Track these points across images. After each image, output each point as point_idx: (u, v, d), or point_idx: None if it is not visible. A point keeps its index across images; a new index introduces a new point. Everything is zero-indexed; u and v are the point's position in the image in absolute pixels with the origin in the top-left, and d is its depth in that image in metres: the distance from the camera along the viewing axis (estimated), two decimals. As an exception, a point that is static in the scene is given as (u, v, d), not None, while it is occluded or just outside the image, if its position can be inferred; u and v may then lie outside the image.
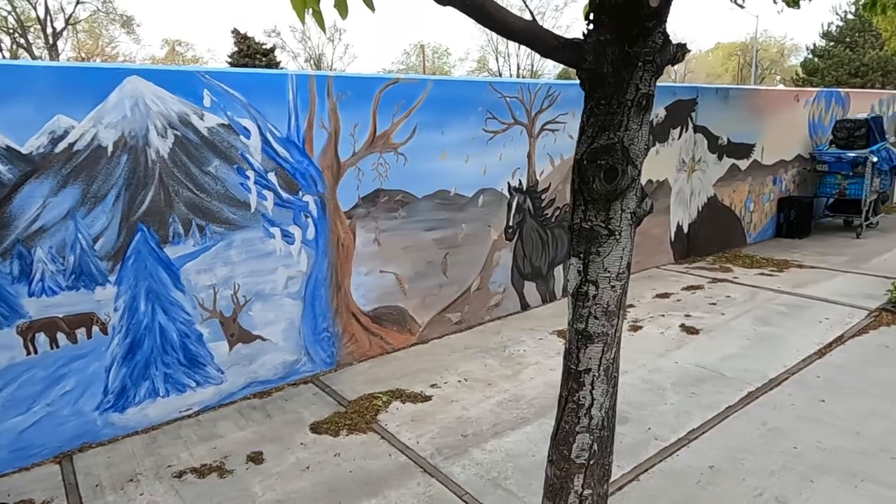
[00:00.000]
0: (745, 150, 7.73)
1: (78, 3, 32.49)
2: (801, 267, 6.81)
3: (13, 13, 30.36)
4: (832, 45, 31.59)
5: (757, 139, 7.85)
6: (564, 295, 5.78)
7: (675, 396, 3.84)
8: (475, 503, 2.87)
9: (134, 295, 3.49)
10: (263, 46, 30.32)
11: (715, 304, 5.59)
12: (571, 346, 1.92)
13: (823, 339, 4.67)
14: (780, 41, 51.10)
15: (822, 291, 5.82)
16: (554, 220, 5.67)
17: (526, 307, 5.60)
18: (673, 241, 7.09)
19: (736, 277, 6.46)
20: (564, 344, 2.00)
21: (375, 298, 4.55)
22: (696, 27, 73.07)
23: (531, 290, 5.64)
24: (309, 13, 1.54)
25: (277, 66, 30.43)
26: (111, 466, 3.25)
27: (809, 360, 4.32)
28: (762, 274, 6.57)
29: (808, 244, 7.97)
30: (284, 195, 3.97)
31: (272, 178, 3.90)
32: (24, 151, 3.06)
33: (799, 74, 33.54)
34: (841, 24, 31.69)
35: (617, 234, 1.75)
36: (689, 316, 5.28)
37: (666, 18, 1.58)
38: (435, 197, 4.76)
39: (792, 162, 8.55)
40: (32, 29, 31.95)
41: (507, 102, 5.09)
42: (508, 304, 5.47)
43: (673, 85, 7.29)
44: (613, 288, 1.81)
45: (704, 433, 3.41)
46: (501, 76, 41.82)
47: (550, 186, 5.58)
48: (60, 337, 3.29)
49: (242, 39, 29.51)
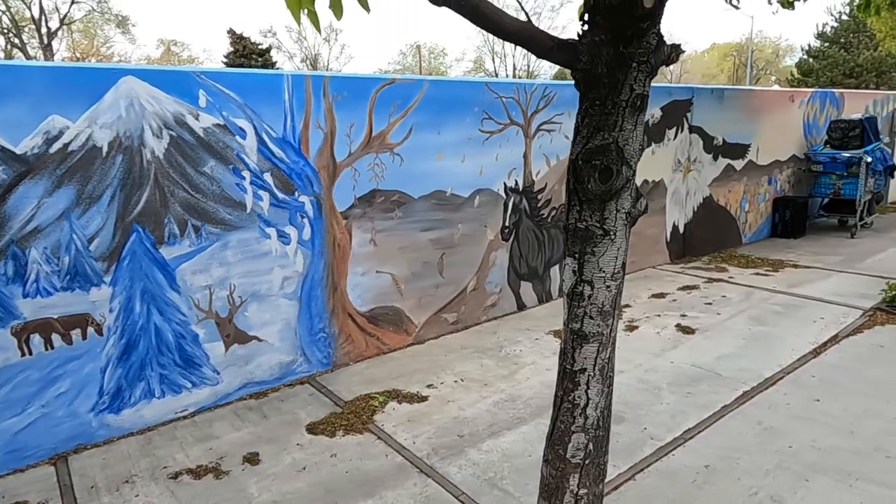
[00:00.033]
0: (740, 150, 7.76)
1: (73, 2, 32.40)
2: (796, 267, 6.84)
3: (8, 13, 30.24)
4: (827, 45, 31.73)
5: (752, 139, 7.88)
6: (561, 295, 5.78)
7: (670, 396, 3.85)
8: (472, 503, 2.88)
9: (129, 296, 3.48)
10: (259, 47, 30.27)
11: (710, 303, 5.61)
12: (567, 345, 1.92)
13: (818, 338, 4.68)
14: (775, 42, 51.33)
15: (817, 291, 5.85)
16: (550, 220, 5.68)
17: (522, 307, 5.60)
18: (669, 241, 7.11)
19: (731, 277, 6.49)
20: (560, 344, 2.00)
21: (372, 299, 4.55)
22: (691, 28, 73.35)
23: (527, 290, 5.64)
24: (304, 13, 1.54)
25: (273, 66, 30.39)
26: (106, 468, 3.24)
27: (804, 359, 4.33)
28: (757, 274, 6.59)
29: (803, 244, 8.00)
30: (280, 195, 3.96)
31: (268, 178, 3.89)
32: (18, 152, 3.05)
33: (794, 75, 33.68)
34: (835, 24, 31.84)
35: (612, 234, 1.75)
36: (684, 316, 5.29)
37: (660, 19, 1.58)
38: (431, 197, 4.76)
39: (787, 162, 8.58)
40: (27, 29, 31.83)
41: (503, 103, 5.09)
42: (505, 304, 5.47)
43: (669, 85, 7.31)
44: (608, 288, 1.82)
45: (700, 433, 3.42)
46: (497, 76, 41.85)
47: (546, 187, 5.59)
48: (55, 338, 3.28)
49: (238, 40, 29.45)
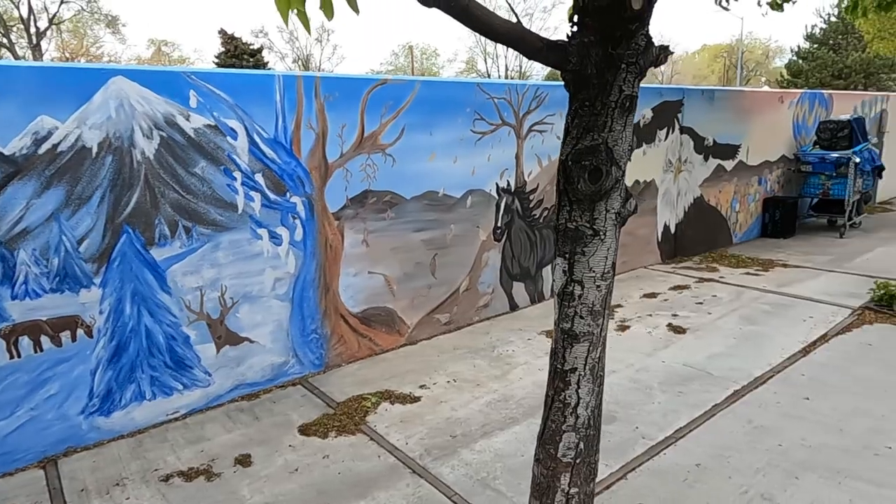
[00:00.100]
0: (730, 150, 7.81)
1: (62, 2, 32.16)
2: (785, 266, 6.89)
3: (-4, 13, 29.99)
4: (816, 47, 32.00)
5: (742, 140, 7.93)
6: (553, 295, 5.79)
7: (662, 395, 3.87)
8: (464, 503, 2.88)
9: (119, 297, 3.46)
10: (251, 47, 30.17)
11: (701, 303, 5.64)
12: (557, 345, 1.93)
13: (808, 337, 4.72)
14: (765, 43, 51.70)
15: (806, 290, 5.90)
16: (542, 220, 5.69)
17: (514, 307, 5.61)
18: (660, 241, 7.14)
19: (722, 277, 6.53)
20: (551, 344, 2.01)
21: (364, 300, 4.55)
22: (682, 29, 73.78)
23: (520, 290, 5.66)
24: (294, 14, 1.54)
25: (265, 66, 30.28)
26: (97, 471, 3.22)
27: (794, 358, 4.37)
28: (748, 273, 6.64)
29: (792, 244, 8.06)
30: (272, 196, 3.95)
31: (259, 179, 3.88)
32: (6, 153, 3.02)
33: (784, 76, 33.94)
34: (824, 26, 32.12)
35: (601, 234, 1.76)
36: (676, 315, 5.32)
37: (649, 21, 1.59)
38: (423, 198, 4.76)
39: (777, 162, 8.65)
40: (15, 28, 31.54)
41: (495, 103, 5.10)
42: (497, 304, 5.48)
43: (659, 86, 7.34)
44: (598, 288, 1.83)
45: (691, 431, 3.44)
46: (490, 77, 41.91)
47: (538, 187, 5.60)
48: (44, 340, 3.25)
49: (229, 40, 29.34)
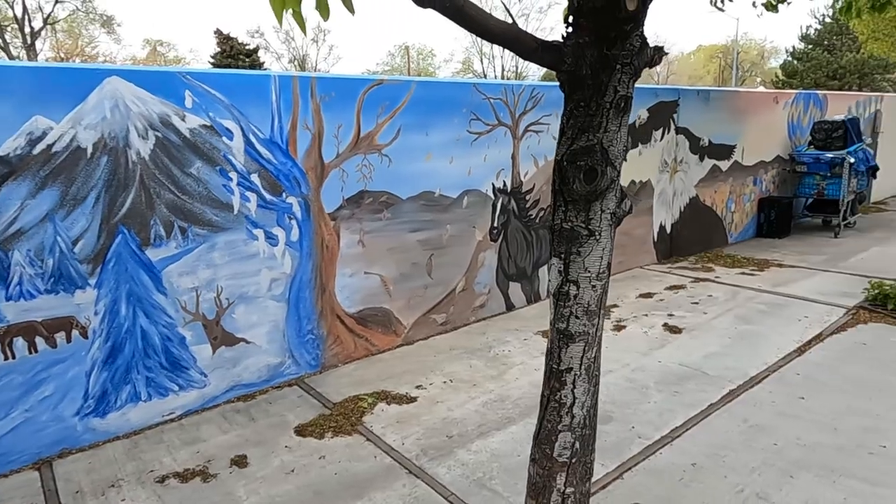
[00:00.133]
0: (725, 151, 7.84)
1: (57, 2, 32.03)
2: (781, 266, 6.92)
3: (-10, 13, 29.87)
4: (811, 47, 32.13)
5: (737, 140, 7.96)
6: (549, 295, 5.80)
7: (658, 395, 3.88)
8: (461, 503, 2.88)
9: (115, 298, 3.45)
10: (247, 47, 30.14)
11: (697, 303, 5.66)
12: (553, 345, 1.93)
13: (803, 337, 4.74)
14: (760, 44, 51.94)
15: (801, 290, 5.92)
16: (538, 220, 5.70)
17: (511, 308, 5.62)
18: (656, 241, 7.16)
19: (717, 277, 6.55)
20: (547, 343, 2.01)
21: (360, 300, 4.54)
22: (678, 30, 73.94)
23: (516, 290, 5.66)
24: (289, 14, 1.54)
25: (261, 66, 30.25)
26: (92, 472, 3.20)
27: (789, 357, 4.39)
28: (743, 273, 6.66)
29: (787, 244, 8.09)
30: (268, 197, 3.95)
31: (255, 179, 3.88)
32: (0, 153, 3.01)
33: (779, 76, 34.07)
34: (819, 27, 32.26)
35: (597, 234, 1.77)
36: (672, 315, 5.33)
37: (643, 22, 1.60)
38: (419, 198, 4.76)
39: (772, 163, 8.68)
40: (10, 28, 31.42)
41: (491, 104, 5.11)
42: (493, 304, 5.49)
43: (655, 87, 7.37)
44: (594, 287, 1.83)
45: (687, 431, 3.45)
46: (486, 77, 41.94)
47: (534, 187, 5.61)
48: (39, 341, 3.24)
49: (225, 40, 29.30)
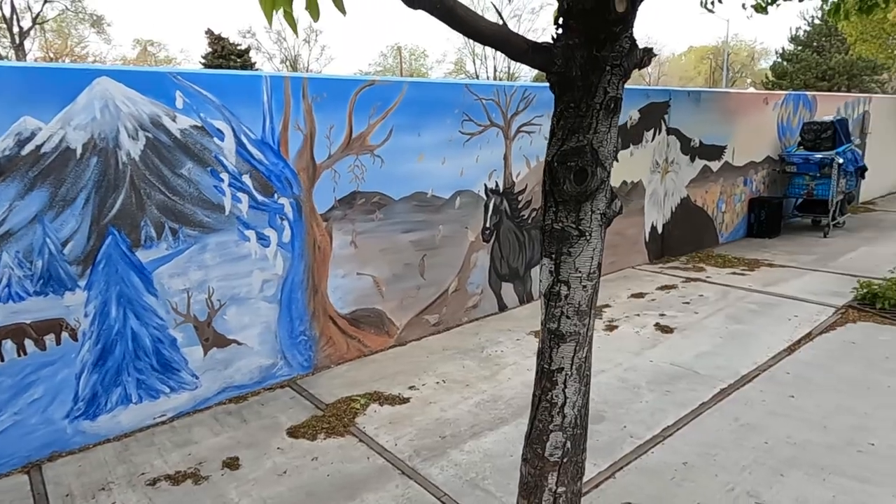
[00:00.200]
0: (716, 151, 7.89)
1: (46, 2, 31.78)
2: (771, 266, 6.97)
3: (-22, 12, 29.58)
4: (800, 49, 32.37)
5: (728, 141, 8.01)
6: (541, 296, 5.82)
7: (650, 394, 3.90)
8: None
9: (105, 300, 3.42)
10: (238, 47, 30.01)
11: (688, 303, 5.69)
12: (544, 345, 1.94)
13: (793, 336, 4.78)
14: (750, 45, 52.25)
15: (791, 290, 5.97)
16: (530, 221, 5.72)
17: (503, 308, 5.63)
18: (647, 241, 7.20)
19: (709, 277, 6.59)
20: (538, 343, 2.02)
21: (353, 301, 4.54)
22: (668, 31, 74.37)
23: (508, 291, 5.67)
24: (280, 15, 1.53)
25: (252, 67, 30.14)
26: (82, 475, 3.18)
27: (779, 356, 4.42)
28: (734, 273, 6.70)
29: (777, 244, 8.15)
30: (259, 198, 3.94)
31: (247, 180, 3.86)
32: (-12, 154, 2.99)
33: (769, 77, 34.30)
34: (808, 28, 32.50)
35: (587, 234, 1.78)
36: (663, 315, 5.36)
37: (633, 23, 1.61)
38: (412, 199, 4.76)
39: (762, 163, 8.74)
40: (-2, 28, 31.14)
41: (483, 105, 5.12)
42: (486, 305, 5.49)
43: (646, 88, 7.41)
44: (585, 288, 1.84)
45: (679, 430, 3.47)
46: (478, 78, 42.00)
47: (527, 188, 5.62)
48: (28, 344, 3.21)
49: (216, 40, 29.16)
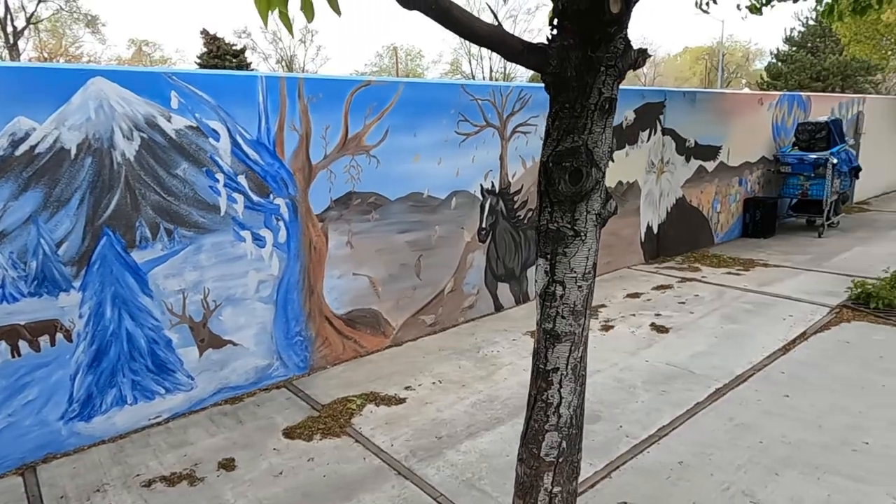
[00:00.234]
0: (711, 152, 7.91)
1: (40, 1, 31.64)
2: (766, 266, 7.00)
3: (-28, 12, 29.42)
4: (795, 49, 32.49)
5: (723, 141, 8.04)
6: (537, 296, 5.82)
7: (645, 394, 3.91)
8: (449, 504, 2.89)
9: (99, 301, 3.41)
10: (234, 47, 29.96)
11: (684, 303, 5.71)
12: (540, 345, 1.94)
13: (787, 335, 4.80)
14: (745, 46, 52.45)
15: (786, 289, 5.99)
16: (526, 221, 5.72)
17: (499, 308, 5.63)
18: (643, 241, 7.21)
19: (704, 277, 6.61)
20: (534, 344, 2.02)
21: (349, 301, 4.53)
22: (664, 31, 74.61)
23: (504, 291, 5.68)
24: (275, 15, 1.53)
25: (248, 67, 30.08)
26: (77, 477, 3.17)
27: (774, 356, 4.44)
28: (729, 273, 6.72)
29: (772, 244, 8.18)
30: (255, 198, 3.93)
31: (242, 180, 3.86)
32: (-18, 154, 2.98)
33: (763, 78, 34.42)
34: (803, 29, 32.62)
35: (582, 234, 1.78)
36: (659, 315, 5.37)
37: (627, 24, 1.62)
38: (408, 199, 4.76)
39: (757, 163, 8.78)
40: (-8, 28, 30.97)
41: (479, 105, 5.12)
42: (482, 305, 5.50)
43: (642, 88, 7.43)
44: (580, 288, 1.84)
45: (674, 430, 3.47)
46: (474, 79, 42.01)
47: (522, 188, 5.63)
48: (22, 345, 3.20)
49: (212, 40, 29.11)
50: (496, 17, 1.70)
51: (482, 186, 5.29)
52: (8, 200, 3.07)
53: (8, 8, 30.17)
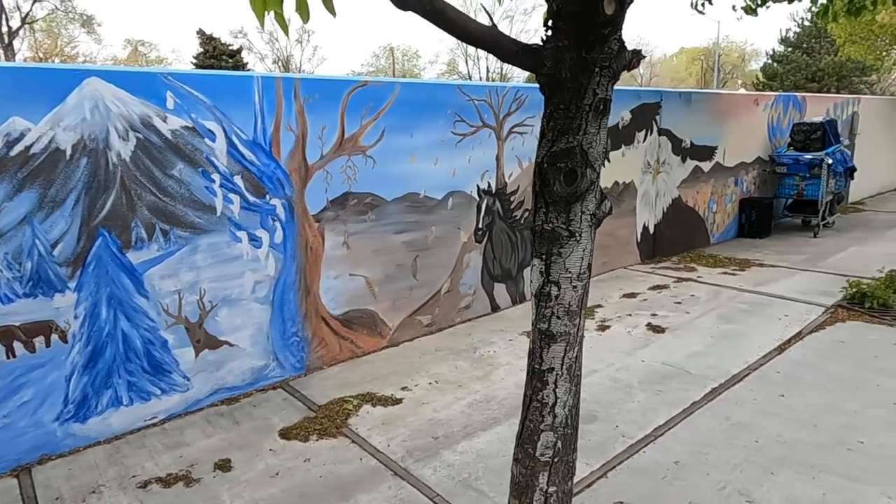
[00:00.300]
0: (707, 152, 7.93)
1: (35, 1, 31.54)
2: (761, 266, 7.02)
3: (-33, 12, 29.30)
4: (790, 50, 32.60)
5: (719, 142, 8.06)
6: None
7: (641, 394, 3.91)
8: (445, 504, 2.89)
9: (95, 302, 3.40)
10: (230, 48, 29.92)
11: (680, 303, 5.72)
12: (535, 345, 1.95)
13: (783, 335, 4.81)
14: (741, 46, 52.59)
15: (781, 289, 6.01)
16: (523, 221, 5.73)
17: (496, 308, 5.64)
18: (639, 241, 7.23)
19: (700, 277, 6.62)
20: (529, 344, 2.03)
21: (345, 302, 4.53)
22: (660, 32, 74.78)
23: (501, 291, 5.68)
24: (271, 16, 1.53)
25: (244, 67, 30.04)
26: (72, 478, 3.16)
27: (770, 356, 4.45)
28: (725, 273, 6.74)
29: (768, 244, 8.21)
30: (251, 198, 3.93)
31: (238, 181, 3.85)
32: (-23, 155, 2.97)
33: (759, 79, 34.52)
34: (798, 30, 32.73)
35: (577, 235, 1.79)
36: (655, 315, 5.38)
37: (621, 25, 1.62)
38: (404, 199, 4.76)
39: (752, 164, 8.80)
40: (-13, 28, 30.85)
41: (475, 105, 5.12)
42: (479, 305, 5.50)
43: (638, 89, 7.45)
44: (575, 288, 1.85)
45: (670, 429, 3.48)
46: (471, 79, 42.02)
47: (519, 189, 5.63)
48: (17, 346, 3.19)
49: (208, 40, 29.07)
50: (491, 18, 1.70)
51: (479, 187, 5.30)
52: (3, 201, 3.06)
53: (3, 8, 30.06)
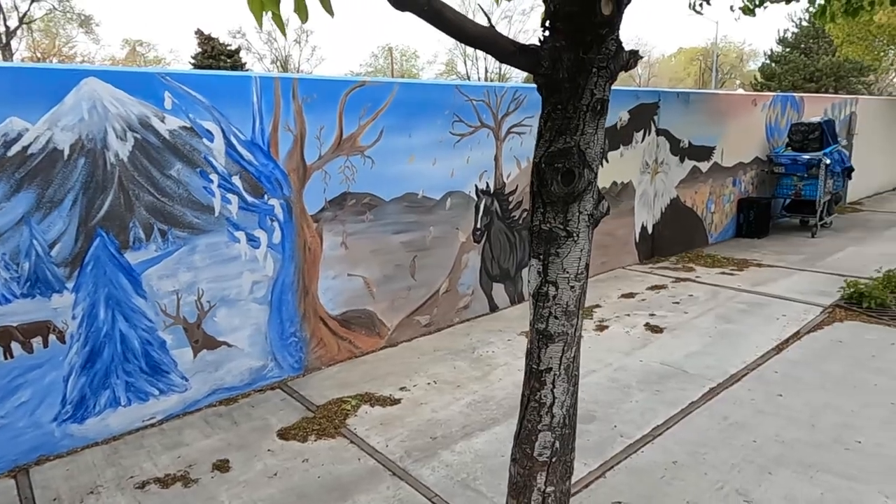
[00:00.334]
0: (705, 152, 7.94)
1: (33, 1, 31.49)
2: (760, 266, 7.03)
3: (-36, 12, 29.25)
4: (788, 50, 32.67)
5: (717, 142, 8.07)
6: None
7: (640, 394, 3.92)
8: (444, 504, 2.89)
9: (93, 302, 3.40)
10: (228, 48, 29.90)
11: (678, 303, 5.73)
12: (533, 345, 1.95)
13: (781, 335, 4.82)
14: (739, 47, 52.63)
15: (779, 289, 6.02)
16: (521, 221, 5.73)
17: (494, 308, 5.64)
18: (638, 241, 7.24)
19: (698, 277, 6.63)
20: (527, 344, 2.03)
21: (343, 302, 4.53)
22: (659, 32, 74.85)
23: (499, 291, 5.68)
24: (268, 16, 1.53)
25: (243, 67, 30.03)
26: (70, 479, 3.16)
27: (768, 356, 4.46)
28: (723, 273, 6.75)
29: (766, 244, 8.22)
30: (249, 199, 3.92)
31: (236, 181, 3.85)
32: (-26, 155, 2.96)
33: (757, 79, 34.59)
34: (796, 30, 32.80)
35: (575, 235, 1.79)
36: (653, 315, 5.39)
37: (619, 26, 1.62)
38: (402, 200, 4.76)
39: (750, 164, 8.81)
40: (-15, 28, 30.80)
41: (473, 105, 5.13)
42: (477, 305, 5.50)
43: (636, 89, 7.45)
44: (573, 288, 1.85)
45: (668, 429, 3.49)
46: (469, 79, 42.02)
47: (517, 189, 5.64)
48: (15, 347, 3.18)
49: (206, 40, 29.05)
50: (489, 18, 1.70)
51: (477, 187, 5.30)
52: (0, 201, 3.05)
53: (1, 7, 30.03)
